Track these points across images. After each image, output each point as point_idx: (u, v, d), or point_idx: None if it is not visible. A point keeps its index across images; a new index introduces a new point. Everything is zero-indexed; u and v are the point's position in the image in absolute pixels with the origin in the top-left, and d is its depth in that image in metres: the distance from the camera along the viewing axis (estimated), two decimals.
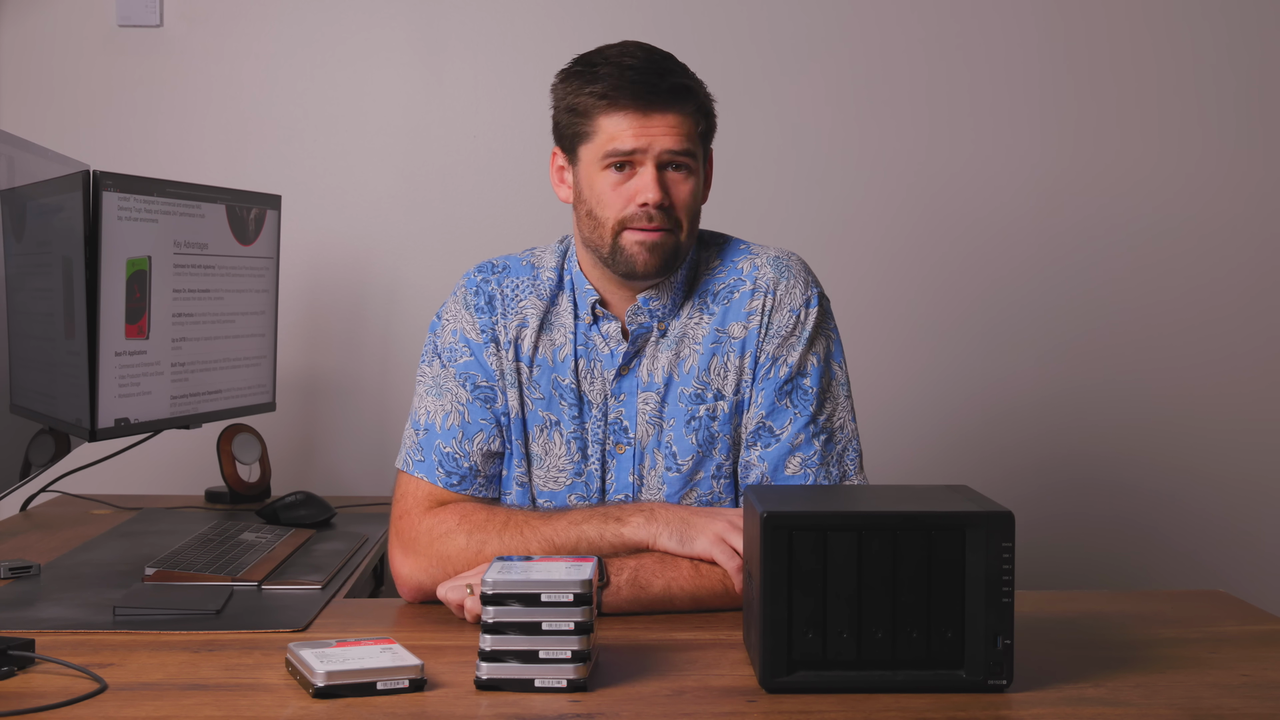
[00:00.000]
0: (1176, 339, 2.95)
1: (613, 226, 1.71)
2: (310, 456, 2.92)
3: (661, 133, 1.69)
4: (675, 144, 1.69)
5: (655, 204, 1.69)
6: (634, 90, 1.68)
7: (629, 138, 1.69)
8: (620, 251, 1.72)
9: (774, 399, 1.76)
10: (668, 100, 1.69)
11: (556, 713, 1.31)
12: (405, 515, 1.75)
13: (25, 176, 2.22)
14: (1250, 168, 2.94)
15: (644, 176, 1.70)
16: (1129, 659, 1.49)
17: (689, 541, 1.63)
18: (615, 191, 1.71)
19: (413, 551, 1.71)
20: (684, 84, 1.71)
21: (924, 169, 2.93)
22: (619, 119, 1.69)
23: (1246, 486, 2.95)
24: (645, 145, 1.69)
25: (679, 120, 1.70)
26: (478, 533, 1.68)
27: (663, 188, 1.70)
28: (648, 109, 1.68)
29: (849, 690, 1.36)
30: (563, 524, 1.67)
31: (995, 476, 2.86)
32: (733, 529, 1.63)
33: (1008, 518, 1.36)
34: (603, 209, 1.72)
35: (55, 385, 2.13)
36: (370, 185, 2.90)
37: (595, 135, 1.71)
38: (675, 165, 1.71)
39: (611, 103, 1.69)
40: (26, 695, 1.34)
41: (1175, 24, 2.93)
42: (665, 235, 1.71)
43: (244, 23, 2.89)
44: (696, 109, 1.72)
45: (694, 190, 1.73)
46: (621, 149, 1.69)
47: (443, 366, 1.80)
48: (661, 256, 1.72)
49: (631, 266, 1.72)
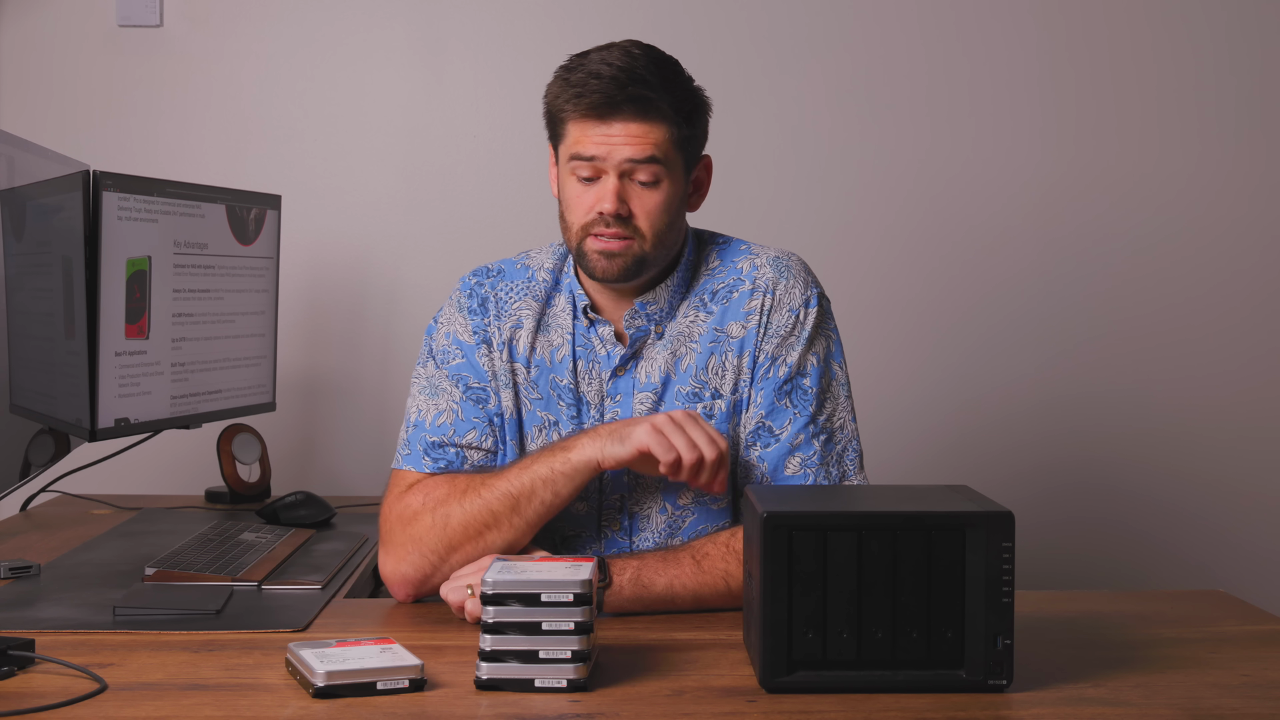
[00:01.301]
0: (1177, 340, 2.95)
1: (577, 231, 1.73)
2: (310, 456, 2.92)
3: (623, 141, 1.68)
4: (637, 153, 1.68)
5: (611, 214, 1.69)
6: (593, 99, 1.68)
7: (589, 144, 1.69)
8: (584, 256, 1.73)
9: (773, 399, 1.76)
10: (629, 109, 1.68)
11: (556, 713, 1.31)
12: (381, 509, 1.76)
13: (25, 176, 2.22)
14: (1251, 170, 2.94)
15: (604, 185, 1.70)
16: (1129, 659, 1.49)
17: (627, 439, 1.62)
18: (579, 198, 1.72)
19: (388, 543, 1.72)
20: (645, 95, 1.68)
21: (924, 170, 2.93)
22: (583, 125, 1.69)
23: (1247, 488, 2.95)
24: (605, 153, 1.69)
25: (644, 129, 1.68)
26: (440, 507, 1.69)
27: (625, 198, 1.70)
28: (608, 117, 1.68)
29: (849, 690, 1.36)
30: (514, 471, 1.67)
31: (995, 477, 2.86)
32: (670, 421, 1.61)
33: (1008, 518, 1.36)
34: (570, 213, 1.74)
35: (55, 385, 2.13)
36: (370, 185, 2.90)
37: (565, 138, 1.72)
38: (640, 175, 1.70)
39: (575, 109, 1.69)
40: (26, 695, 1.34)
41: (1176, 25, 2.93)
42: (625, 244, 1.71)
43: (244, 23, 2.89)
44: (668, 118, 1.69)
45: (663, 201, 1.71)
46: (583, 154, 1.70)
47: (436, 368, 1.81)
48: (621, 265, 1.72)
49: (592, 270, 1.73)
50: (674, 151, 1.72)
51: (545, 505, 1.66)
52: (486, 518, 1.66)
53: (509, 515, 1.66)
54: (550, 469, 1.65)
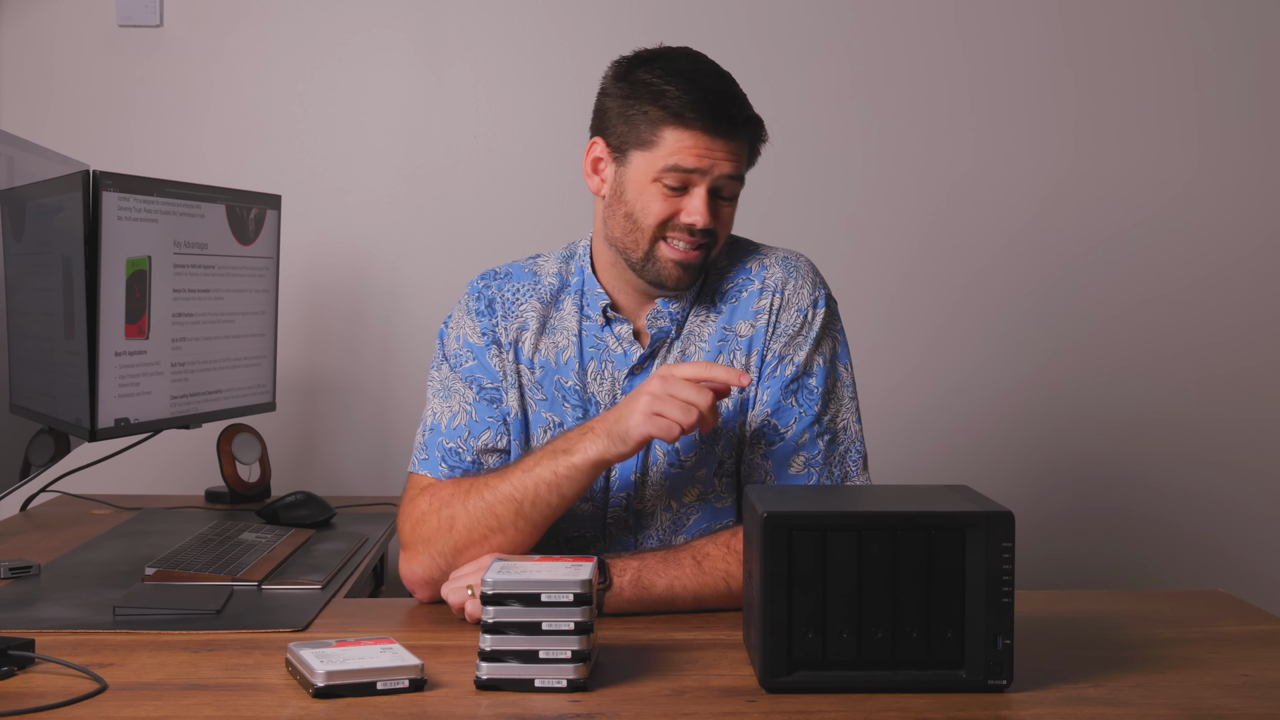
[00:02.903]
0: (1179, 341, 2.95)
1: (652, 234, 1.71)
2: (310, 456, 2.92)
3: (724, 158, 1.69)
4: (733, 170, 1.70)
5: (703, 228, 1.70)
6: (712, 115, 1.67)
7: (692, 157, 1.68)
8: (654, 260, 1.72)
9: (780, 398, 1.76)
10: (739, 129, 1.70)
11: (556, 713, 1.31)
12: (399, 513, 1.77)
13: (25, 176, 2.22)
14: (1251, 170, 2.94)
15: (695, 198, 1.70)
16: (1129, 659, 1.49)
17: (627, 437, 1.61)
18: (663, 203, 1.70)
19: (405, 546, 1.73)
20: (756, 116, 1.72)
21: (925, 170, 2.93)
22: (687, 137, 1.68)
23: (1249, 488, 2.95)
24: (707, 167, 1.69)
25: (740, 149, 1.71)
26: (445, 509, 1.69)
27: (712, 212, 1.71)
28: (716, 133, 1.68)
29: (849, 690, 1.36)
30: (517, 474, 1.67)
31: (998, 478, 2.86)
32: (655, 399, 1.58)
33: (1008, 518, 1.36)
34: (646, 216, 1.71)
35: (55, 385, 2.13)
36: (370, 185, 2.90)
37: (657, 146, 1.69)
38: (726, 190, 1.72)
39: (683, 120, 1.67)
40: (26, 695, 1.34)
41: (1176, 27, 2.92)
42: (700, 255, 1.73)
43: (244, 23, 2.89)
44: (752, 140, 1.74)
45: (733, 214, 1.75)
46: (684, 166, 1.68)
47: (450, 370, 1.81)
48: (693, 275, 1.74)
49: (661, 279, 1.73)
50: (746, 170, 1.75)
51: (551, 508, 1.66)
52: (491, 521, 1.66)
53: (514, 519, 1.66)
54: (553, 472, 1.65)
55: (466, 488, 1.70)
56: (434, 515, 1.70)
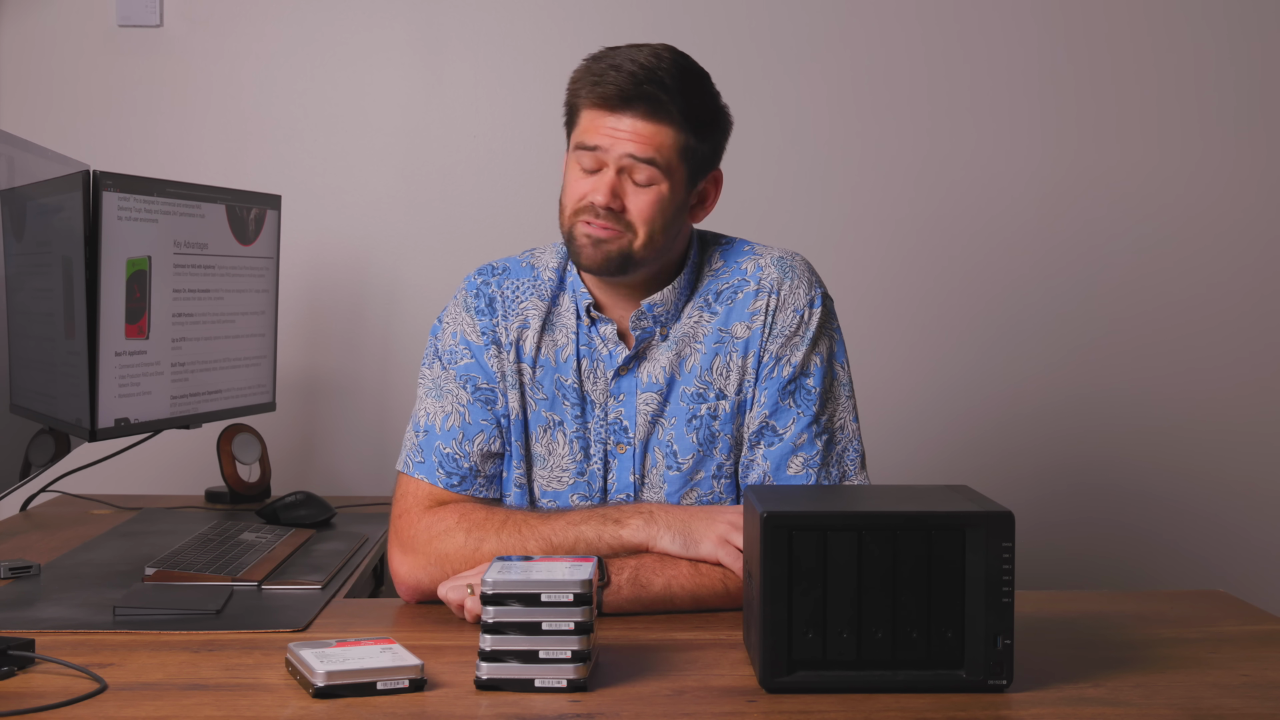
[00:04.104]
0: (1180, 342, 2.95)
1: (569, 216, 1.74)
2: (310, 456, 2.92)
3: (627, 137, 1.69)
4: (637, 150, 1.69)
5: (602, 205, 1.70)
6: (607, 90, 1.69)
7: (595, 134, 1.70)
8: (572, 241, 1.74)
9: (777, 398, 1.76)
10: (640, 107, 1.68)
11: (556, 713, 1.31)
12: (404, 515, 1.75)
13: (25, 176, 2.22)
14: (1252, 169, 2.94)
15: (601, 177, 1.71)
16: (1129, 659, 1.49)
17: (693, 545, 1.64)
18: (575, 184, 1.73)
19: (411, 550, 1.71)
20: (659, 96, 1.68)
21: (925, 171, 2.93)
22: (593, 114, 1.71)
23: (1250, 488, 2.95)
24: (608, 145, 1.70)
25: (651, 130, 1.69)
26: (475, 531, 1.68)
27: (620, 193, 1.70)
28: (618, 110, 1.69)
29: (849, 690, 1.36)
30: (560, 524, 1.67)
31: (998, 478, 2.86)
32: (734, 529, 1.63)
33: (1007, 518, 1.36)
34: (566, 197, 1.75)
35: (55, 385, 2.13)
36: (370, 185, 2.90)
37: (575, 125, 1.74)
38: (637, 174, 1.70)
39: (590, 96, 1.71)
40: (26, 695, 1.34)
41: (1176, 25, 2.92)
42: (614, 235, 1.71)
43: (244, 23, 2.89)
44: (677, 124, 1.70)
45: (658, 202, 1.71)
46: (587, 143, 1.71)
47: (444, 369, 1.80)
48: (606, 253, 1.71)
49: (580, 259, 1.74)
50: (677, 159, 1.71)
51: None
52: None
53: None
54: (598, 536, 1.66)
55: (502, 519, 1.69)
56: (462, 534, 1.69)
